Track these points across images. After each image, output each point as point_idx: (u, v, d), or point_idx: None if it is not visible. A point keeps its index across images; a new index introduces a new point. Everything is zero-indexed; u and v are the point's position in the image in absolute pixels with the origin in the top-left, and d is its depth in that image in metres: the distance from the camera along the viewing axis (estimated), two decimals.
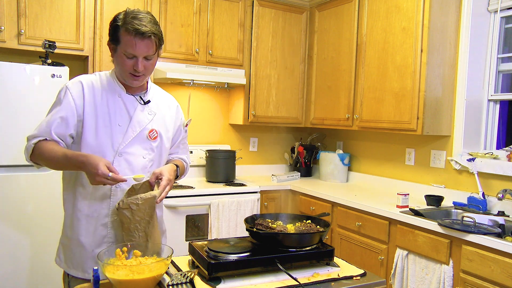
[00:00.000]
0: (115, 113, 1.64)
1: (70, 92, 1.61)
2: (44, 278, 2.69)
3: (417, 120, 2.85)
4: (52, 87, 2.66)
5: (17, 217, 2.61)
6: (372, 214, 2.79)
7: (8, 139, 2.56)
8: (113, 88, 1.66)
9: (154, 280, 1.27)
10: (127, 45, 1.53)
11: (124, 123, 1.64)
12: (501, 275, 2.03)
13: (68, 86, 1.64)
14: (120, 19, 1.55)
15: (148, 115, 1.70)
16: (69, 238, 1.69)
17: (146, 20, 1.53)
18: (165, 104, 1.80)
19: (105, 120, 1.62)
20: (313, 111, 3.88)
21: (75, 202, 1.67)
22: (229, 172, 3.63)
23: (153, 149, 1.71)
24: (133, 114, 1.66)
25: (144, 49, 1.54)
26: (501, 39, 2.91)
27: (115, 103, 1.65)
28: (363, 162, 3.78)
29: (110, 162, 1.51)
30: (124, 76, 1.63)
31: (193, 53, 3.43)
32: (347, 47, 3.48)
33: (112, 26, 1.58)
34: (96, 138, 1.61)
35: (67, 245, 1.70)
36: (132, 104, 1.67)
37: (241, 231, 3.25)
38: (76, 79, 1.66)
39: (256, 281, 1.36)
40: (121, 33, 1.53)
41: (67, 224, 1.71)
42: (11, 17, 2.78)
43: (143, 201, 1.52)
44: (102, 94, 1.64)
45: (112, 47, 1.61)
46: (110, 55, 1.65)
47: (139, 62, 1.56)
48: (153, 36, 1.54)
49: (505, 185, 2.64)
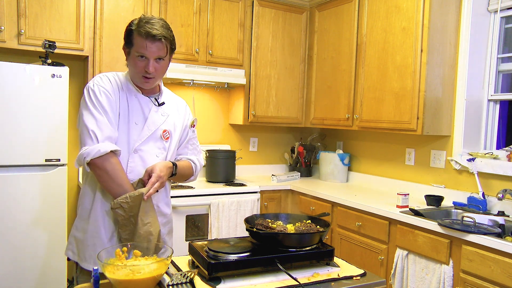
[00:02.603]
0: (133, 112, 1.72)
1: (104, 88, 1.67)
2: (45, 277, 2.69)
3: (417, 120, 2.85)
4: (52, 87, 2.67)
5: (17, 217, 2.60)
6: (372, 214, 2.79)
7: (8, 139, 2.56)
8: (130, 88, 1.75)
9: (154, 280, 1.27)
10: (139, 46, 1.62)
11: (140, 121, 1.73)
12: (501, 275, 2.03)
13: (97, 83, 1.67)
14: (134, 24, 1.65)
15: (161, 116, 1.79)
16: (84, 231, 1.73)
17: (158, 24, 1.63)
18: (175, 106, 1.88)
19: (124, 117, 1.70)
20: (313, 111, 3.88)
21: (95, 197, 1.72)
22: (229, 172, 3.64)
23: (165, 149, 1.79)
24: (148, 115, 1.75)
25: (155, 50, 1.63)
26: (501, 39, 2.91)
27: (132, 102, 1.73)
28: (363, 162, 3.78)
29: None
30: (136, 78, 1.71)
31: (193, 53, 3.43)
32: (347, 47, 3.48)
33: (126, 30, 1.68)
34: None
35: (81, 238, 1.74)
36: (147, 105, 1.76)
37: (241, 231, 3.25)
38: (102, 75, 1.72)
39: (256, 281, 1.36)
40: (134, 36, 1.63)
41: (84, 217, 1.74)
42: (11, 17, 2.78)
43: (132, 199, 1.58)
44: (121, 92, 1.72)
45: (126, 50, 1.70)
46: (125, 59, 1.72)
47: (150, 63, 1.64)
48: (163, 39, 1.62)
49: (505, 185, 2.64)
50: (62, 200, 2.73)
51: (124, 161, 1.68)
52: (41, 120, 2.64)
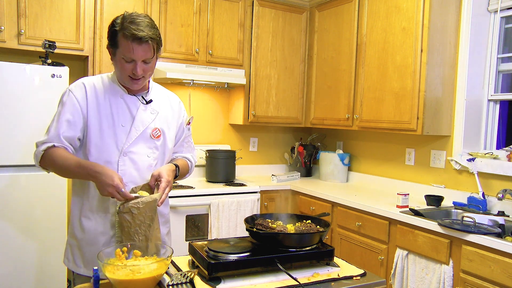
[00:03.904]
0: (118, 114, 1.66)
1: (74, 95, 1.63)
2: (46, 278, 2.69)
3: (417, 120, 2.85)
4: (52, 87, 2.66)
5: (17, 217, 2.61)
6: (372, 214, 2.79)
7: (8, 139, 2.56)
8: (115, 90, 1.69)
9: (154, 280, 1.27)
10: (125, 49, 1.55)
11: (127, 123, 1.67)
12: (501, 275, 2.03)
13: (70, 89, 1.66)
14: (118, 23, 1.56)
15: (150, 114, 1.72)
16: (77, 238, 1.70)
17: (143, 24, 1.55)
18: (167, 103, 1.82)
19: (108, 121, 1.65)
20: (313, 111, 3.88)
21: (83, 202, 1.68)
22: (229, 172, 3.63)
23: (157, 148, 1.73)
24: (135, 114, 1.69)
25: (142, 53, 1.56)
26: (501, 39, 2.90)
27: (117, 104, 1.67)
28: (363, 162, 3.78)
29: (121, 177, 1.52)
30: (124, 80, 1.65)
31: (193, 53, 3.43)
32: (347, 47, 3.48)
33: (110, 30, 1.59)
34: (101, 139, 1.63)
35: (75, 245, 1.71)
36: (134, 104, 1.70)
37: (241, 231, 3.25)
38: (79, 82, 1.68)
39: (256, 281, 1.36)
40: (119, 38, 1.55)
41: (76, 225, 1.71)
42: (11, 17, 2.78)
43: (144, 204, 1.52)
44: (104, 96, 1.66)
45: (111, 50, 1.62)
46: (110, 58, 1.66)
47: (137, 66, 1.57)
48: (150, 41, 1.55)
49: (505, 185, 2.64)
50: (62, 200, 2.73)
51: (114, 165, 1.64)
52: (41, 120, 2.63)
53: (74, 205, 1.72)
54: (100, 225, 1.67)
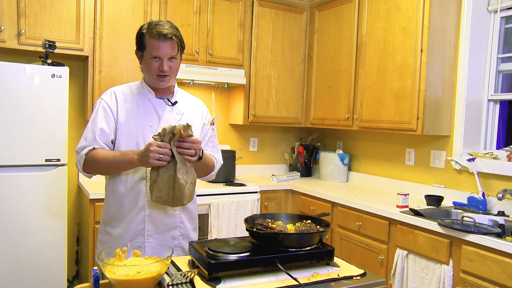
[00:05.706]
0: (146, 115, 1.79)
1: (105, 101, 1.78)
2: (45, 277, 2.69)
3: (417, 120, 2.85)
4: (52, 87, 2.67)
5: (17, 217, 2.60)
6: (372, 214, 2.79)
7: (8, 139, 2.56)
8: (143, 93, 1.83)
9: (154, 280, 1.27)
10: (152, 48, 1.70)
11: (154, 123, 1.78)
12: (501, 275, 2.03)
13: (102, 96, 1.82)
14: (144, 27, 1.74)
15: (176, 115, 1.84)
16: (109, 234, 1.79)
17: (167, 25, 1.73)
18: (192, 105, 1.92)
19: (137, 122, 1.77)
20: (313, 111, 3.88)
21: (115, 198, 1.79)
22: (229, 172, 3.63)
23: None
24: (162, 115, 1.80)
25: (168, 49, 1.71)
26: (501, 39, 2.91)
27: (145, 106, 1.80)
28: (363, 162, 3.78)
29: None
30: (151, 79, 1.78)
31: (193, 53, 3.43)
32: (347, 47, 3.48)
33: (138, 35, 1.76)
34: (129, 139, 1.75)
35: (106, 241, 1.80)
36: (161, 106, 1.82)
37: (241, 231, 3.24)
38: (109, 90, 1.85)
39: (256, 281, 1.36)
40: (146, 39, 1.71)
41: (106, 221, 1.81)
42: (11, 17, 2.78)
43: (177, 129, 1.55)
44: (132, 99, 1.81)
45: (139, 55, 1.78)
46: (139, 63, 1.81)
47: (164, 63, 1.71)
48: (174, 37, 1.71)
49: (505, 185, 2.64)
50: (62, 200, 2.73)
51: None
52: (41, 120, 2.64)
53: (109, 199, 1.82)
54: (128, 219, 1.76)
